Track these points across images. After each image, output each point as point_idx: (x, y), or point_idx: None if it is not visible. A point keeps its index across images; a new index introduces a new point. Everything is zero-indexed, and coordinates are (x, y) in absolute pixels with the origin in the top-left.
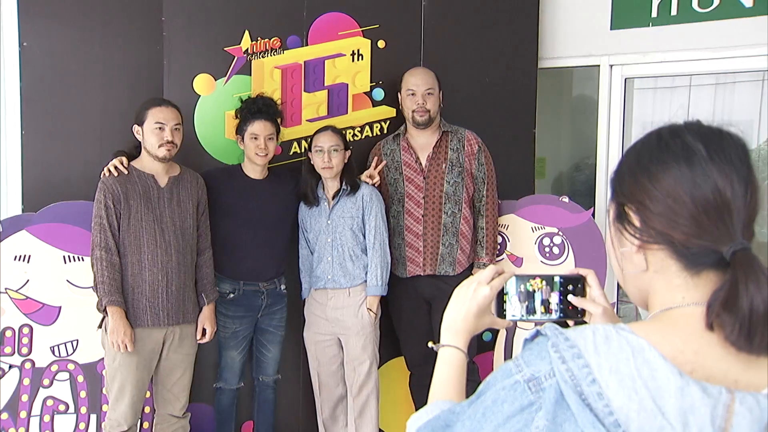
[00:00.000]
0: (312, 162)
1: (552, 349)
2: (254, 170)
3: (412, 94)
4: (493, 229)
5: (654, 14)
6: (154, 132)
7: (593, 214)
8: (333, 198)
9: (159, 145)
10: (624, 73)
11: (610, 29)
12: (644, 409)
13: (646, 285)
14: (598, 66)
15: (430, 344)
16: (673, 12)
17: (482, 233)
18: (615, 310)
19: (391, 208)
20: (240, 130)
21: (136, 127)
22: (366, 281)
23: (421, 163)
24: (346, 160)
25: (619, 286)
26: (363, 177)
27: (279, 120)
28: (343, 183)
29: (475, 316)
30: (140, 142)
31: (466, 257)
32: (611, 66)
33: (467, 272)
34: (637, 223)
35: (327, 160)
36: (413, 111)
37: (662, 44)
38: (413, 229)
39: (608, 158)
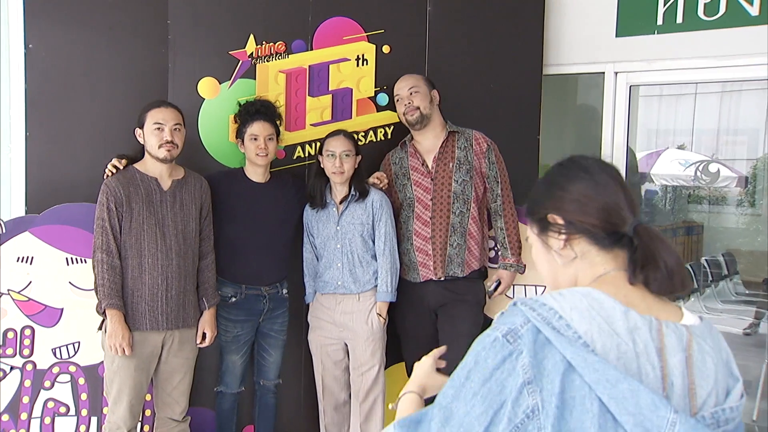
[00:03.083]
0: (322, 165)
1: (522, 305)
2: (256, 173)
3: (399, 99)
4: (514, 227)
5: (659, 22)
6: (154, 133)
7: None
8: (341, 203)
9: (159, 146)
10: (629, 81)
11: (616, 36)
12: (602, 330)
13: (576, 270)
14: (603, 73)
15: (390, 406)
16: (679, 20)
17: (503, 233)
18: None
19: (401, 213)
20: (240, 134)
21: (137, 130)
22: (375, 286)
23: (427, 166)
24: (356, 166)
25: None
26: (370, 179)
27: (278, 122)
28: (352, 188)
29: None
30: (143, 145)
31: (475, 259)
32: (616, 73)
33: (476, 275)
34: (560, 221)
35: (338, 164)
36: (404, 114)
37: (667, 52)
38: (422, 233)
39: None
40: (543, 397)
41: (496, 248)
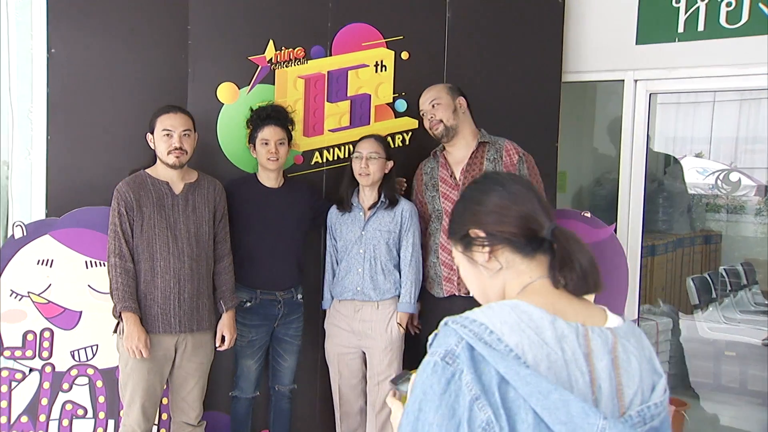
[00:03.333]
0: (353, 168)
1: (453, 324)
2: (269, 178)
3: (423, 114)
4: None
5: (680, 29)
6: (163, 139)
7: (615, 230)
8: (369, 209)
9: (168, 152)
10: (649, 88)
11: (636, 44)
12: (532, 342)
13: (503, 280)
14: (623, 81)
15: None
16: (700, 28)
17: None
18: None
19: (429, 225)
20: (252, 139)
21: (149, 136)
22: (395, 296)
23: (455, 177)
24: (387, 171)
25: (639, 304)
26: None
27: (291, 127)
28: (382, 195)
29: None
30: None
31: None
32: (636, 81)
33: None
34: (482, 234)
35: (364, 166)
36: (430, 129)
37: (688, 60)
38: (447, 247)
39: (631, 173)
40: (493, 410)
41: None
